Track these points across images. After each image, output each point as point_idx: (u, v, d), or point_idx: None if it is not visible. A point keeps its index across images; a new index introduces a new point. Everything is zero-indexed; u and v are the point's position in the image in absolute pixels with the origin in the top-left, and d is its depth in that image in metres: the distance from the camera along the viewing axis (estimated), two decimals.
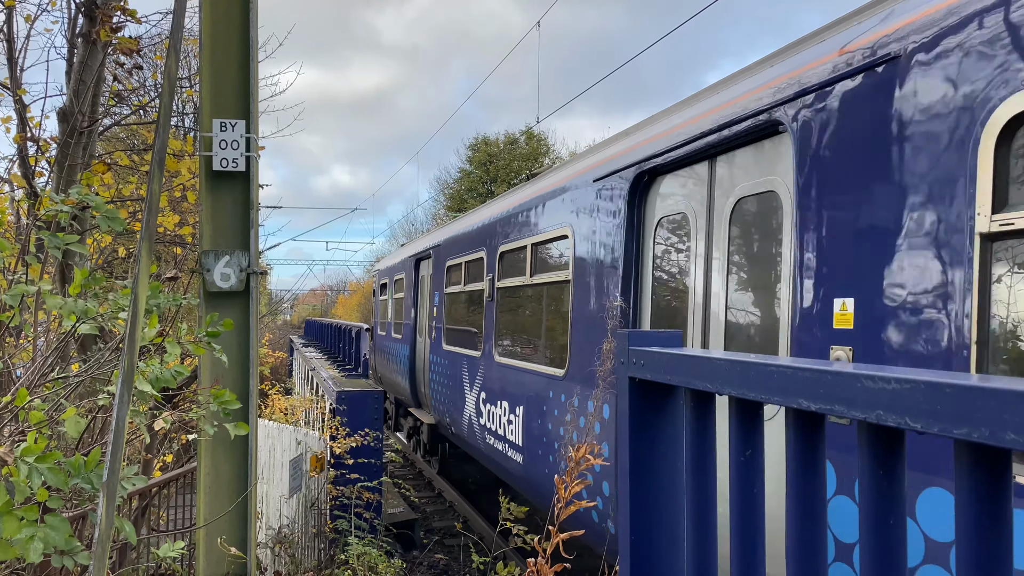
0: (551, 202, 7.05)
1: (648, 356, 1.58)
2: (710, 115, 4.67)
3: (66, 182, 6.53)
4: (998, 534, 0.89)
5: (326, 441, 9.04)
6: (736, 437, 1.35)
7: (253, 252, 4.42)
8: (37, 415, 2.84)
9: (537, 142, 40.67)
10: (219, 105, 4.39)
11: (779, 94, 4.00)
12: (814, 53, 3.93)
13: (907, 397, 0.93)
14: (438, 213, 44.37)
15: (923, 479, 2.97)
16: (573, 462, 3.39)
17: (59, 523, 2.50)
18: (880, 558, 1.05)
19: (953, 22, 3.05)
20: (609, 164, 5.87)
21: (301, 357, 20.19)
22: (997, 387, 0.82)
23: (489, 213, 9.42)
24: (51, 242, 3.05)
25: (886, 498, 1.05)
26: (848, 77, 3.54)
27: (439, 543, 10.55)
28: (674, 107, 5.91)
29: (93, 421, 4.41)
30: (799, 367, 1.14)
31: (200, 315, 4.37)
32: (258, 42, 4.51)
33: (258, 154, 4.47)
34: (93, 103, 6.99)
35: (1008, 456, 0.89)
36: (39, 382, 3.71)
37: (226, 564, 4.32)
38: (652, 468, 1.66)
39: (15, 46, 7.16)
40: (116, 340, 4.12)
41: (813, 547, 1.21)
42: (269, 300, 34.91)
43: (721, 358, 1.34)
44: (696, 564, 1.51)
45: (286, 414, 11.62)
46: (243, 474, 4.41)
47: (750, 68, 4.92)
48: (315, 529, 8.33)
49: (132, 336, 2.66)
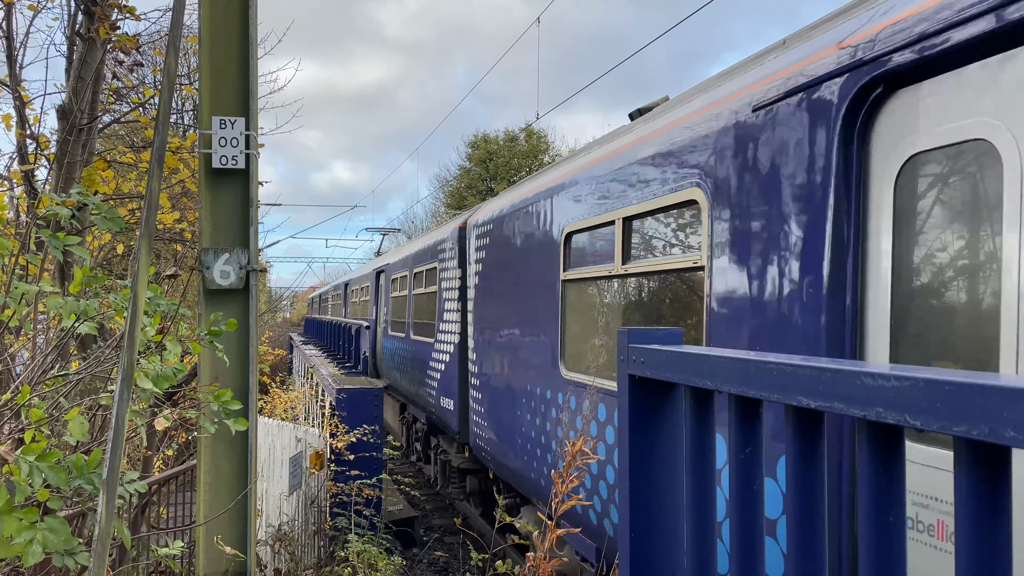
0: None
1: (648, 354, 1.58)
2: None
3: (65, 179, 6.53)
4: (998, 529, 0.89)
5: (326, 439, 9.05)
6: (736, 434, 1.35)
7: (253, 249, 4.42)
8: (37, 413, 2.84)
9: (537, 139, 40.69)
10: (218, 102, 4.39)
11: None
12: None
13: (906, 394, 0.93)
14: (438, 211, 44.38)
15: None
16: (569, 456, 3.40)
17: (58, 525, 2.50)
18: (880, 554, 1.06)
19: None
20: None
21: (301, 354, 20.20)
22: (996, 384, 0.82)
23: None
24: (52, 242, 3.05)
25: (885, 495, 1.05)
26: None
27: (439, 540, 10.57)
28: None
29: (93, 419, 4.42)
30: (798, 364, 1.14)
31: (200, 313, 4.37)
32: (257, 39, 4.50)
33: (257, 151, 4.47)
34: (92, 100, 6.98)
35: (1007, 453, 0.89)
36: (39, 379, 3.71)
37: (226, 562, 4.33)
38: (652, 465, 1.66)
39: (14, 43, 7.16)
40: (116, 338, 4.12)
41: (813, 543, 1.21)
42: (269, 298, 34.91)
43: (721, 355, 1.34)
44: (696, 560, 1.52)
45: (287, 412, 11.63)
46: (243, 471, 4.41)
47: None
48: (315, 527, 8.35)
49: (131, 334, 2.66)
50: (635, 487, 1.66)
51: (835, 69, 3.32)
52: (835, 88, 3.32)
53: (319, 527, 8.40)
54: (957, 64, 2.85)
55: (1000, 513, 0.89)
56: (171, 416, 3.51)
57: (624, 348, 1.66)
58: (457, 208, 37.44)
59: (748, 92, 3.96)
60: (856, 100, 3.22)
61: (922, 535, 2.76)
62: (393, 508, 10.87)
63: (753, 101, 3.87)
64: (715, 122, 4.19)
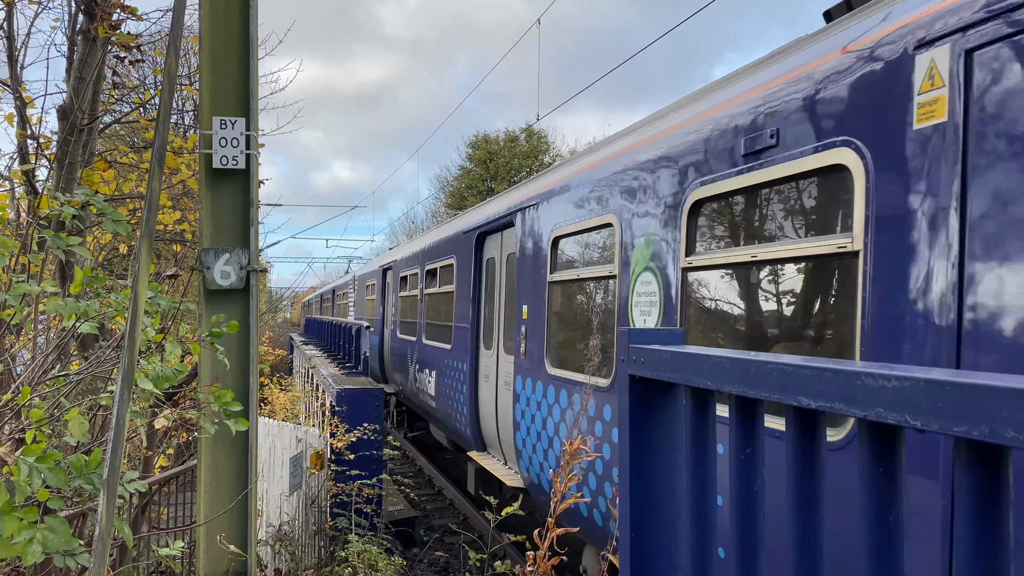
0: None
1: (648, 354, 1.58)
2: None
3: (66, 179, 6.53)
4: (997, 530, 0.89)
5: (326, 438, 9.05)
6: (736, 435, 1.35)
7: (253, 250, 4.42)
8: (38, 413, 2.84)
9: (538, 140, 40.73)
10: (219, 103, 4.39)
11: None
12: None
13: (907, 395, 0.93)
14: (438, 211, 44.39)
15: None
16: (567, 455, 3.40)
17: (59, 525, 2.50)
18: (880, 554, 1.06)
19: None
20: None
21: (301, 354, 20.20)
22: (997, 384, 0.82)
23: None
24: (54, 242, 3.05)
25: (885, 495, 1.05)
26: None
27: (439, 540, 10.57)
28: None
29: (94, 419, 4.42)
30: (799, 365, 1.14)
31: (200, 313, 4.38)
32: (258, 39, 4.50)
33: (258, 152, 4.47)
34: (93, 100, 6.98)
35: (1007, 453, 0.89)
36: (40, 380, 3.71)
37: (226, 562, 4.33)
38: (652, 465, 1.66)
39: (15, 43, 7.16)
40: (116, 338, 4.13)
41: (813, 537, 1.22)
42: (269, 298, 34.91)
43: (721, 356, 1.35)
44: (696, 560, 1.52)
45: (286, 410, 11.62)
46: (243, 471, 4.41)
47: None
48: (315, 527, 8.35)
49: (132, 334, 2.66)
50: (635, 487, 1.66)
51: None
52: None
53: (319, 527, 8.40)
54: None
55: (1000, 512, 0.90)
56: (171, 416, 3.51)
57: (624, 348, 1.66)
58: (458, 208, 37.42)
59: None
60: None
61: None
62: (393, 508, 10.87)
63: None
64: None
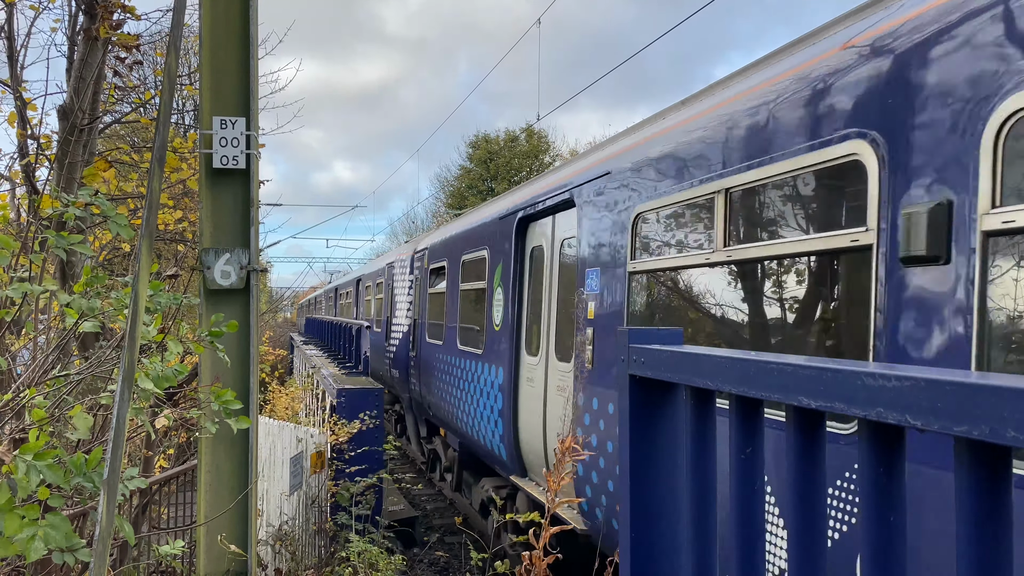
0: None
1: (649, 354, 1.58)
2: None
3: (66, 179, 6.53)
4: (998, 531, 0.89)
5: (326, 437, 9.05)
6: (736, 435, 1.35)
7: (253, 249, 4.42)
8: (39, 413, 2.85)
9: (538, 140, 40.72)
10: (219, 102, 4.39)
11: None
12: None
13: (907, 395, 0.93)
14: (438, 211, 44.38)
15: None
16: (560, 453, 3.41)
17: (59, 522, 2.50)
18: (880, 554, 1.06)
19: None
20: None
21: (301, 354, 20.21)
22: (997, 384, 0.82)
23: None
24: (57, 242, 3.06)
25: (886, 495, 1.05)
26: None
27: (440, 540, 10.57)
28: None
29: (94, 419, 4.42)
30: (799, 364, 1.14)
31: (201, 313, 4.38)
32: (258, 39, 4.51)
33: (258, 151, 4.47)
34: (93, 100, 6.99)
35: (1008, 453, 0.89)
36: (40, 379, 3.71)
37: (227, 561, 4.33)
38: (652, 465, 1.66)
39: (16, 44, 7.17)
40: (117, 338, 4.13)
41: (815, 536, 1.22)
42: (269, 297, 34.92)
43: (722, 355, 1.35)
44: (696, 561, 1.52)
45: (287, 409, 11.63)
46: (243, 471, 4.41)
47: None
48: (315, 526, 8.35)
49: (132, 334, 2.66)
50: (635, 487, 1.66)
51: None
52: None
53: (320, 527, 8.40)
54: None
55: (1001, 512, 0.90)
56: (172, 416, 3.51)
57: (624, 348, 1.66)
58: (458, 208, 37.38)
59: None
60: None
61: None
62: (394, 508, 10.87)
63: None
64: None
